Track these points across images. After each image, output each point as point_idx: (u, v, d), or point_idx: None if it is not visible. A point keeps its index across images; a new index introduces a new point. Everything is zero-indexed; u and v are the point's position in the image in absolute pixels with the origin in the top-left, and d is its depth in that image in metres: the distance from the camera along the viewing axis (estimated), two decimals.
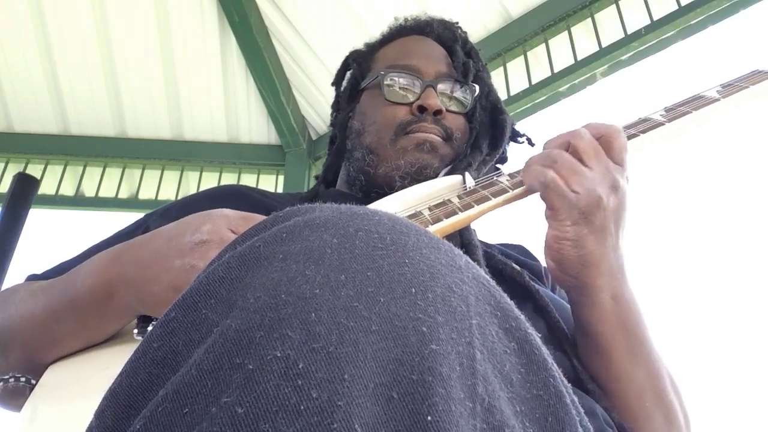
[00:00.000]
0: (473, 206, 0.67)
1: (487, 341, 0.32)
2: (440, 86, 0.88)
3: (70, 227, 2.87)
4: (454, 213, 0.66)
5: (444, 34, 0.96)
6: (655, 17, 1.94)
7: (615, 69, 2.07)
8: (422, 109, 0.85)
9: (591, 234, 0.62)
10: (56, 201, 2.62)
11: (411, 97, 0.87)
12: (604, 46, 2.04)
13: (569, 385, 0.35)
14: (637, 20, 1.99)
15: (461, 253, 0.36)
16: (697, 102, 0.78)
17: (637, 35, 1.96)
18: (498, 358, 0.32)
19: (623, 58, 2.02)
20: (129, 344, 0.59)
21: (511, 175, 0.72)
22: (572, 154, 0.64)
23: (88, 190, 2.67)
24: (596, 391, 0.63)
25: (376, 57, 0.98)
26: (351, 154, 0.91)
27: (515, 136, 0.96)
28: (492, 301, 0.34)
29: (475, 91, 0.91)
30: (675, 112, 0.77)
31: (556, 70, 2.12)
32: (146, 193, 2.68)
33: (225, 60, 2.54)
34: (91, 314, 0.58)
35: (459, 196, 0.70)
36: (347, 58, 1.02)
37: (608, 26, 2.09)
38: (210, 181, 2.71)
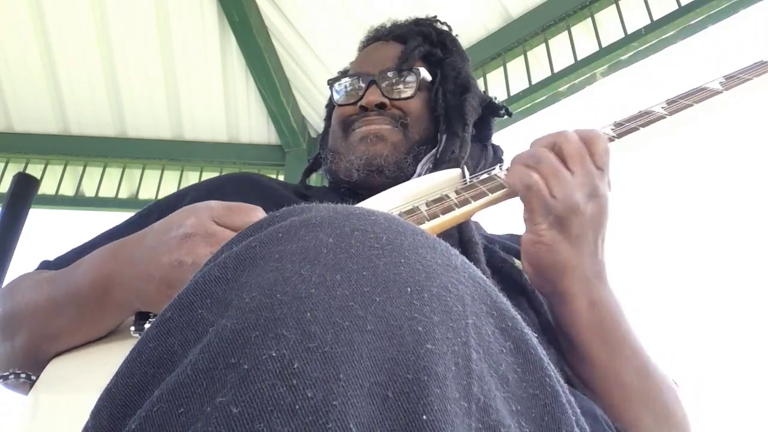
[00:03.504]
0: (470, 202, 0.67)
1: (483, 341, 0.32)
2: (382, 79, 0.90)
3: (70, 227, 2.87)
4: (450, 209, 0.66)
5: (398, 31, 0.99)
6: (655, 17, 1.94)
7: (615, 69, 2.07)
8: (364, 108, 0.89)
9: (566, 240, 0.62)
10: (56, 201, 2.62)
11: (358, 98, 0.91)
12: (604, 46, 2.04)
13: (566, 385, 0.35)
14: (637, 20, 1.99)
15: (458, 252, 0.37)
16: (700, 94, 0.77)
17: (637, 35, 1.96)
18: (494, 357, 0.32)
19: (623, 58, 2.02)
20: (127, 341, 0.60)
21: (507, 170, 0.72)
22: (557, 155, 0.64)
23: (88, 190, 2.67)
24: (586, 393, 0.63)
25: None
26: (324, 161, 0.96)
27: (494, 111, 0.96)
28: (488, 300, 0.34)
29: (419, 75, 0.91)
30: (677, 104, 0.76)
31: (556, 70, 2.12)
32: (146, 193, 2.68)
33: (225, 60, 2.54)
34: (90, 308, 0.60)
35: (457, 191, 0.70)
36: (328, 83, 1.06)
37: (608, 26, 2.09)
38: None
